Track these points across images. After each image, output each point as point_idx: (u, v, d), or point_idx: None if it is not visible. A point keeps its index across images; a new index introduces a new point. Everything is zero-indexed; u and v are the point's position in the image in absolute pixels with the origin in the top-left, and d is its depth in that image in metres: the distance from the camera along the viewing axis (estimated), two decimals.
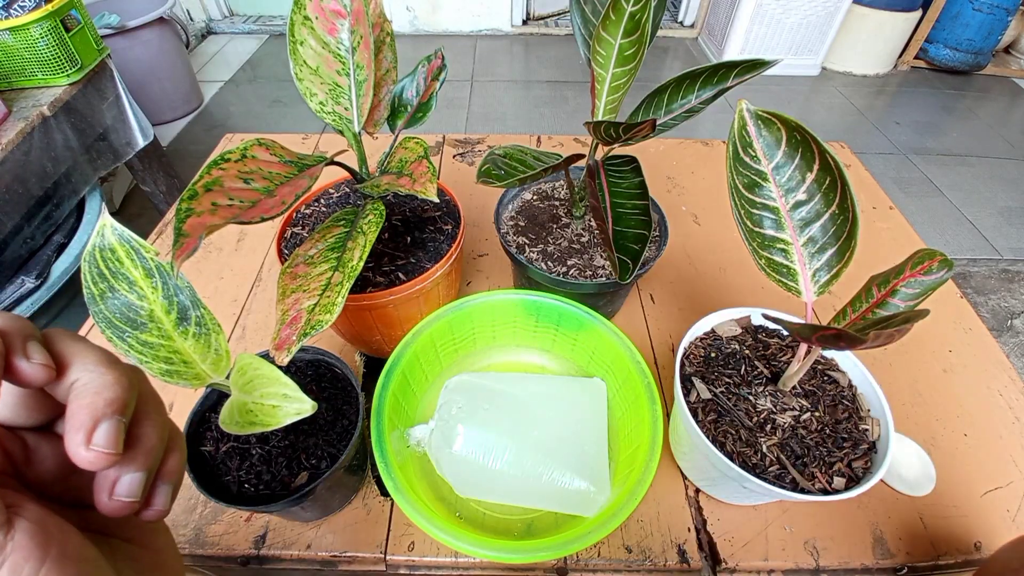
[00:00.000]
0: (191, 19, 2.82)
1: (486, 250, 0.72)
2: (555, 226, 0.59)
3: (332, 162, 0.41)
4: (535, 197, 0.62)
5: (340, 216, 0.43)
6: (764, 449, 0.40)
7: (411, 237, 0.53)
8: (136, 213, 1.76)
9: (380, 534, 0.46)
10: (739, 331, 0.47)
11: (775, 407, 0.42)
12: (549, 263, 0.54)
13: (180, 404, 0.55)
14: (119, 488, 0.18)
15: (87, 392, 0.17)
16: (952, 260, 0.33)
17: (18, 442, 0.19)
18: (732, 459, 0.39)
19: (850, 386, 0.44)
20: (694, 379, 0.44)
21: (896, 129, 2.30)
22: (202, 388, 0.33)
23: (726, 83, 0.42)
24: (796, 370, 0.40)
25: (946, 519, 0.48)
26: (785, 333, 0.47)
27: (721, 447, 0.40)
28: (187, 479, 0.38)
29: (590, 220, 0.58)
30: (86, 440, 0.17)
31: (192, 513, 0.47)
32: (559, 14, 3.09)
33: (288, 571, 0.47)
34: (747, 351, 0.46)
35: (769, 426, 0.41)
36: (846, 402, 0.43)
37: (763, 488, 0.37)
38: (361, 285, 0.48)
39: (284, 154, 0.38)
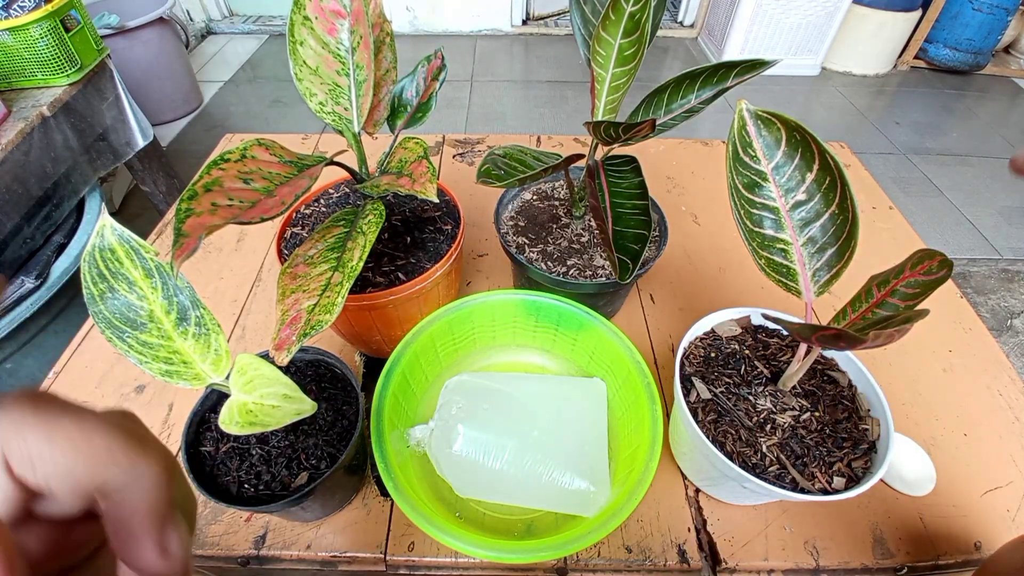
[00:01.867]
0: (191, 19, 2.82)
1: (486, 250, 0.72)
2: (555, 226, 0.59)
3: (332, 162, 0.41)
4: (535, 197, 0.62)
5: (340, 216, 0.43)
6: (764, 449, 0.40)
7: (411, 237, 0.53)
8: (136, 213, 1.76)
9: (380, 534, 0.46)
10: (739, 331, 0.47)
11: (775, 407, 0.42)
12: (549, 263, 0.54)
13: (180, 404, 0.55)
14: None
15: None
16: (952, 260, 0.33)
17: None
18: (732, 459, 0.39)
19: (850, 386, 0.44)
20: (694, 379, 0.44)
21: (896, 129, 2.30)
22: (202, 388, 0.33)
23: (726, 83, 0.42)
24: (796, 370, 0.40)
25: (946, 519, 0.48)
26: (785, 333, 0.47)
27: (721, 447, 0.40)
28: (187, 479, 0.38)
29: (590, 220, 0.58)
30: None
31: None
32: (559, 14, 3.09)
33: (288, 571, 0.47)
34: (747, 351, 0.46)
35: (769, 426, 0.41)
36: (846, 402, 0.43)
37: (763, 488, 0.37)
38: (361, 285, 0.48)
39: (284, 154, 0.38)
